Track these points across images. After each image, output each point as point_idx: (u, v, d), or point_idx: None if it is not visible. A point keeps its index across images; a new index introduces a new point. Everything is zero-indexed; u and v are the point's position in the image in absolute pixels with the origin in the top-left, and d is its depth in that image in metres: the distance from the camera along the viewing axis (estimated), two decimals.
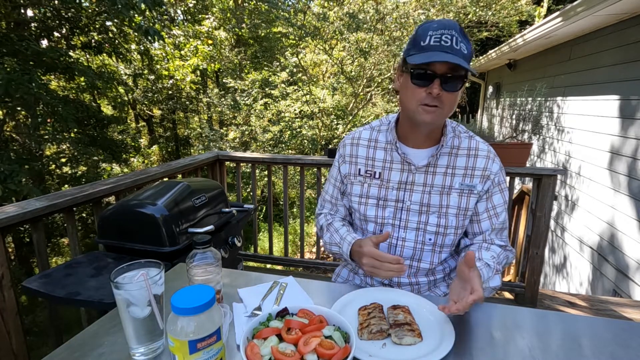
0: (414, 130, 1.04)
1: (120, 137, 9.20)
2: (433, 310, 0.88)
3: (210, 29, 9.06)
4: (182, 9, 9.53)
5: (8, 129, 6.44)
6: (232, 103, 8.91)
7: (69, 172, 7.25)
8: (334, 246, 1.14)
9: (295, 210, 9.17)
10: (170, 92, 10.58)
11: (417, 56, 0.91)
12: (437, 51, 0.89)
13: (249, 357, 0.65)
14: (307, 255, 7.04)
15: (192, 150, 11.69)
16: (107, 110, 10.27)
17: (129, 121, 12.17)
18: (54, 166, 6.97)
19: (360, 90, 9.00)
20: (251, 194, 3.63)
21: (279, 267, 3.68)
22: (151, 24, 5.71)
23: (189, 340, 0.60)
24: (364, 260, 0.96)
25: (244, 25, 9.12)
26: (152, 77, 9.73)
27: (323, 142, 8.78)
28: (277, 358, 0.64)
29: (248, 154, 2.98)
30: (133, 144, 9.27)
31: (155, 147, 11.51)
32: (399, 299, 0.93)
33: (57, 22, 5.89)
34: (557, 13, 3.55)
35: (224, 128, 9.99)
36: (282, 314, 0.78)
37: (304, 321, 0.74)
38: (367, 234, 1.15)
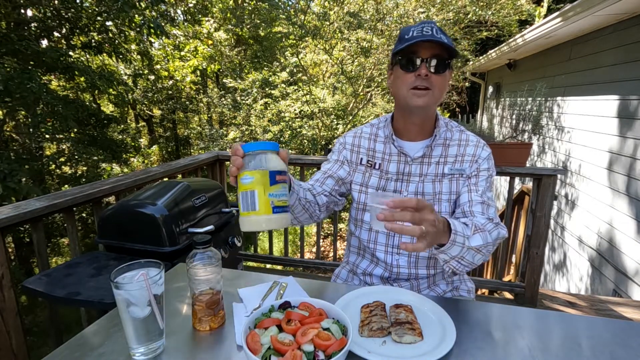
0: (408, 122, 1.10)
1: (120, 137, 9.19)
2: (435, 309, 0.88)
3: (210, 31, 9.05)
4: (182, 9, 9.52)
5: (8, 129, 6.44)
6: (232, 103, 8.91)
7: (69, 172, 7.25)
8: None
9: None
10: (170, 92, 10.57)
11: (402, 45, 0.99)
12: (419, 39, 0.97)
13: (250, 345, 0.66)
14: (307, 255, 7.04)
15: (192, 150, 11.69)
16: (108, 109, 10.25)
17: (129, 121, 12.17)
18: (54, 166, 6.96)
19: (360, 90, 8.99)
20: None
21: (279, 267, 3.67)
22: (151, 24, 5.69)
23: (270, 171, 0.63)
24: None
25: (243, 24, 9.11)
26: (152, 77, 9.71)
27: (323, 142, 8.77)
28: (276, 347, 0.66)
29: None
30: (133, 143, 9.26)
31: (155, 147, 11.50)
32: (402, 298, 0.93)
33: (57, 22, 5.88)
34: (557, 13, 3.54)
35: (224, 128, 9.99)
36: (284, 306, 0.79)
37: (304, 313, 0.75)
38: (364, 224, 1.17)
